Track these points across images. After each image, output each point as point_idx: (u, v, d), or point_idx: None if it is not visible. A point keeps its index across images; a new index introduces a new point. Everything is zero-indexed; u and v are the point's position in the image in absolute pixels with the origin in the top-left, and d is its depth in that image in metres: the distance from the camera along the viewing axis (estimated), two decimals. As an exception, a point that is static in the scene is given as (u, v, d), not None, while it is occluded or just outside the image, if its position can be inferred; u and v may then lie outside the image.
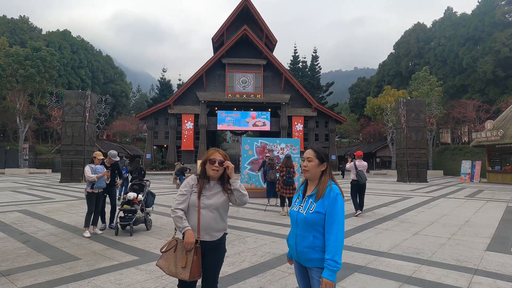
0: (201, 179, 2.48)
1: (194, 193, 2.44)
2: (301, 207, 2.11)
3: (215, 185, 2.49)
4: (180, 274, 2.32)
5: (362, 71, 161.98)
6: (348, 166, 9.10)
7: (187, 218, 2.42)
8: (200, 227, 2.38)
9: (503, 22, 38.39)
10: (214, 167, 2.43)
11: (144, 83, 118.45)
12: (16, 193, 14.08)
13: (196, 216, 2.39)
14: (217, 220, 2.43)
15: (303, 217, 2.05)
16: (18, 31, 51.96)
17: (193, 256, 2.31)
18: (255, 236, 6.29)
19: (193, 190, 2.46)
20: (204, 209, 2.39)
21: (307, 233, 2.04)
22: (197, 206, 2.40)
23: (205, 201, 2.41)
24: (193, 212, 2.41)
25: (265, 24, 36.85)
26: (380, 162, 46.18)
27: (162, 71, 59.52)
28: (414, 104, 24.41)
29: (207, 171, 2.47)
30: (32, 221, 7.63)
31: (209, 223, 2.39)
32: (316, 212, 2.02)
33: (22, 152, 35.81)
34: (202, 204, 2.40)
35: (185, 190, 2.46)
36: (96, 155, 6.59)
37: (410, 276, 4.07)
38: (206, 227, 2.38)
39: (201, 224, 2.38)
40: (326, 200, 2.03)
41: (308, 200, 2.10)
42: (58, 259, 4.73)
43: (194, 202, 2.42)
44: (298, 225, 2.09)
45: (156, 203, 8.58)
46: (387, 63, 58.62)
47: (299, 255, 2.07)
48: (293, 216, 2.14)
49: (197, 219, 2.38)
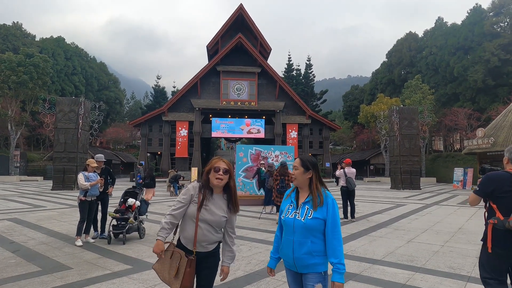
0: (204, 190, 2.36)
1: (194, 203, 2.34)
2: (297, 213, 2.14)
3: (218, 199, 2.39)
4: (172, 283, 2.25)
5: (356, 79, 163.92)
6: (338, 173, 9.57)
7: (183, 228, 2.35)
8: (196, 239, 2.30)
9: (492, 33, 39.29)
10: (218, 175, 2.32)
11: (138, 90, 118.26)
12: (6, 201, 13.83)
13: (193, 227, 2.31)
14: (212, 233, 2.35)
15: (302, 223, 2.08)
16: (11, 37, 51.60)
17: (185, 268, 2.23)
18: (250, 244, 6.26)
19: (193, 200, 2.35)
20: (202, 222, 2.30)
21: (305, 239, 2.07)
22: (196, 218, 2.30)
23: (204, 214, 2.30)
24: (190, 223, 2.33)
25: (259, 32, 37.19)
26: (373, 169, 46.44)
27: (157, 78, 59.51)
28: (407, 112, 24.70)
29: (210, 180, 2.36)
30: (22, 230, 7.49)
31: (205, 236, 2.32)
32: (314, 218, 2.07)
33: (13, 159, 35.29)
34: (200, 217, 2.30)
35: (183, 199, 2.36)
36: (90, 163, 6.52)
37: (405, 284, 4.08)
38: (201, 240, 2.31)
39: (198, 236, 2.31)
40: (324, 206, 2.11)
41: (304, 206, 2.15)
42: (49, 268, 4.65)
43: (193, 213, 2.32)
44: (295, 232, 2.11)
45: (149, 211, 8.51)
46: (380, 71, 59.37)
47: (297, 262, 2.09)
48: (289, 223, 2.15)
49: (194, 231, 2.30)
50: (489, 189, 2.77)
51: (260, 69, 36.73)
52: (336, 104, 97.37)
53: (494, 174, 2.83)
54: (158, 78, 59.61)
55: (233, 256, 2.45)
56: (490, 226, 2.73)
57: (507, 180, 2.71)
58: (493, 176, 2.80)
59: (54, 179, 21.04)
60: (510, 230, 2.58)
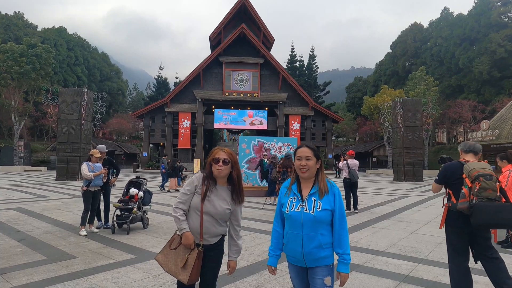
0: (208, 180, 2.34)
1: (198, 195, 2.32)
2: (303, 207, 2.05)
3: (222, 190, 2.36)
4: (179, 274, 2.23)
5: (359, 71, 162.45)
6: (341, 165, 9.59)
7: (187, 220, 2.33)
8: (202, 231, 2.29)
9: (499, 23, 38.65)
10: (218, 166, 2.29)
11: (141, 81, 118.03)
12: (11, 190, 13.97)
13: (197, 219, 2.29)
14: (215, 225, 2.32)
15: (311, 216, 2.01)
16: (13, 27, 51.42)
17: (195, 259, 2.23)
18: (253, 234, 6.29)
19: (196, 191, 2.34)
20: (205, 214, 2.29)
21: (315, 233, 2.01)
22: (200, 210, 2.29)
23: (207, 206, 2.28)
24: (195, 215, 2.31)
25: (262, 22, 36.78)
26: (376, 161, 46.38)
27: (159, 69, 59.30)
28: (410, 103, 24.51)
29: (213, 171, 2.33)
30: (27, 219, 7.57)
31: (207, 228, 2.29)
32: (324, 210, 2.02)
33: (17, 150, 35.53)
34: (204, 208, 2.28)
35: (188, 190, 2.35)
36: (93, 153, 6.54)
37: (407, 275, 4.09)
38: (205, 232, 2.29)
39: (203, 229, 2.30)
40: (330, 196, 2.06)
41: (310, 198, 2.06)
42: (54, 257, 4.70)
43: (197, 205, 2.30)
44: (304, 226, 2.02)
45: (153, 201, 8.55)
46: (384, 63, 58.82)
47: (306, 256, 2.02)
48: (296, 217, 2.04)
49: (200, 223, 2.28)
50: (445, 177, 3.25)
51: (263, 60, 36.46)
52: (339, 95, 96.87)
53: (449, 164, 3.32)
54: (161, 69, 59.45)
55: (239, 250, 2.42)
56: (445, 209, 3.26)
57: (459, 169, 3.16)
58: (447, 166, 3.30)
59: (57, 169, 21.20)
60: (460, 211, 3.01)
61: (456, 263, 3.17)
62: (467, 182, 3.02)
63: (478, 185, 2.92)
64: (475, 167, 3.04)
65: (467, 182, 3.02)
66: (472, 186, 2.97)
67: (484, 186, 2.91)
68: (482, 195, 2.90)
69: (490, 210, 2.87)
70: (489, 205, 2.88)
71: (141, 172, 31.55)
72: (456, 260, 3.17)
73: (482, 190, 2.91)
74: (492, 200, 2.91)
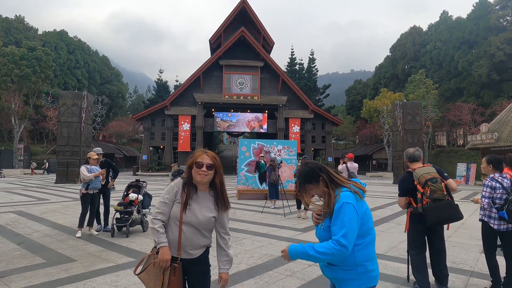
0: (188, 187, 2.10)
1: (178, 203, 2.08)
2: (322, 225, 1.91)
3: (204, 196, 2.12)
4: None
5: (359, 74, 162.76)
6: (340, 168, 9.48)
7: (166, 231, 2.08)
8: (180, 244, 2.05)
9: (498, 27, 38.82)
10: (201, 171, 2.05)
11: (141, 84, 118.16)
12: (10, 193, 13.95)
13: (176, 230, 2.05)
14: (198, 236, 2.08)
15: (318, 235, 1.93)
16: (13, 30, 51.57)
17: (170, 276, 1.99)
18: (252, 238, 6.28)
19: (176, 200, 2.09)
20: (185, 225, 2.05)
21: None
22: (179, 220, 2.05)
23: (188, 215, 2.04)
24: (174, 225, 2.07)
25: (262, 26, 36.92)
26: (376, 164, 46.35)
27: (159, 72, 59.43)
28: (410, 106, 24.56)
29: (193, 177, 2.08)
30: (27, 222, 7.55)
31: (191, 239, 2.06)
32: (327, 227, 1.83)
33: (16, 153, 35.52)
34: (184, 218, 2.04)
35: (167, 198, 2.10)
36: (91, 156, 6.57)
37: (407, 278, 4.08)
38: (186, 244, 2.05)
39: (181, 241, 2.05)
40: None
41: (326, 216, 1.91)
42: (54, 260, 4.69)
43: (176, 214, 2.06)
44: None
45: (152, 204, 8.54)
46: (383, 66, 58.96)
47: None
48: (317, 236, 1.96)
49: (178, 234, 2.04)
50: (405, 189, 3.68)
51: (263, 63, 36.55)
52: (339, 98, 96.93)
53: (403, 176, 3.79)
54: (161, 72, 59.58)
55: (230, 260, 2.18)
56: (408, 213, 3.73)
57: (409, 178, 3.64)
58: (402, 179, 3.77)
59: (57, 172, 21.20)
60: (420, 213, 3.51)
61: (417, 251, 3.74)
62: (419, 188, 3.50)
63: (428, 190, 3.42)
64: (422, 173, 3.51)
65: (419, 188, 3.51)
66: (424, 191, 3.45)
67: (433, 189, 3.41)
68: (434, 197, 3.41)
69: (436, 209, 3.40)
70: (436, 206, 3.40)
71: (141, 175, 31.51)
72: (417, 249, 3.75)
73: (433, 192, 3.41)
74: (440, 200, 3.43)
